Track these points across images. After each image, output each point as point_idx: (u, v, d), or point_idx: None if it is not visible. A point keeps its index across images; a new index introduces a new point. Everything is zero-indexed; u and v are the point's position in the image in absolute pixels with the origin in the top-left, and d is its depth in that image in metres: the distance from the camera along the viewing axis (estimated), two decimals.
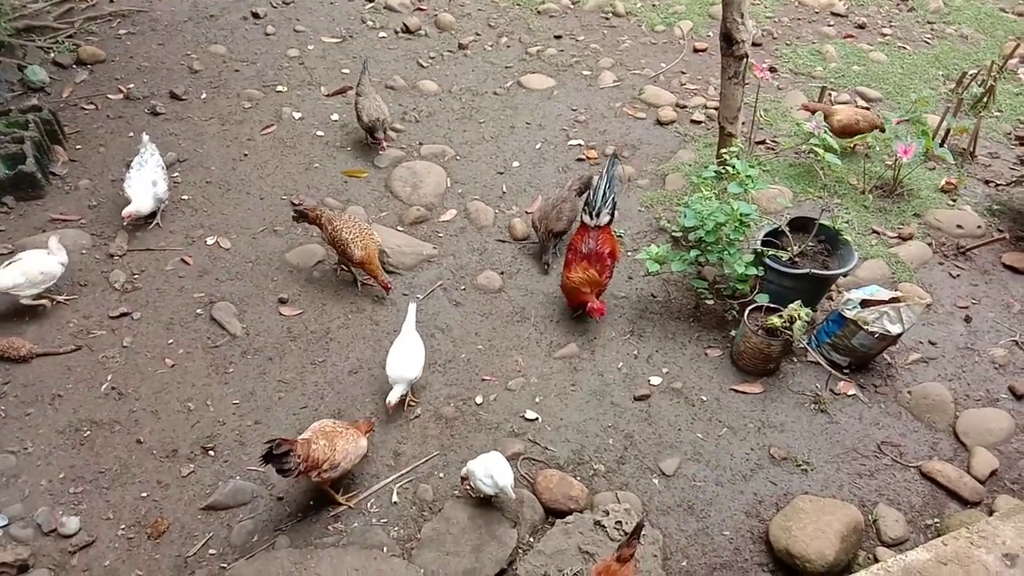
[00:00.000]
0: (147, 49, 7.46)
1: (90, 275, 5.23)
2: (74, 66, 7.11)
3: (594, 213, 5.07)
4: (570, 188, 5.64)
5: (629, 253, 5.61)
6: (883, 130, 6.46)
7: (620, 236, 5.70)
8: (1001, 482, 4.44)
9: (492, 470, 3.90)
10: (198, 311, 5.07)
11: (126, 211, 5.36)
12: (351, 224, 5.07)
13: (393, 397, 4.38)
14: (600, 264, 4.97)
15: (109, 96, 6.81)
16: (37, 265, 4.78)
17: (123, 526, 3.97)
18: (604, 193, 5.06)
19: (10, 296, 4.78)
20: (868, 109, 6.82)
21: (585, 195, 5.58)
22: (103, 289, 5.15)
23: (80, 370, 4.67)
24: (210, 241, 5.57)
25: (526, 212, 5.97)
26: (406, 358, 4.48)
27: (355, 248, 4.98)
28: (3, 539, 3.86)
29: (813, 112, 6.47)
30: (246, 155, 6.35)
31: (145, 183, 5.43)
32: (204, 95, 6.95)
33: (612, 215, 5.14)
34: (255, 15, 8.02)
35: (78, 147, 6.25)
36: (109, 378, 4.64)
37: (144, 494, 4.11)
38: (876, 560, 3.94)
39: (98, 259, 5.35)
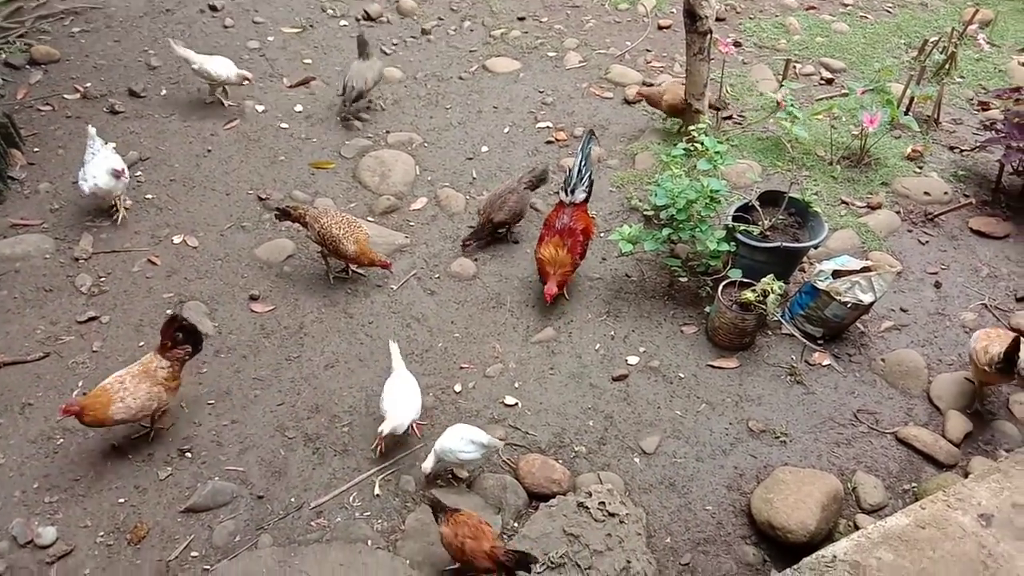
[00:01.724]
0: (103, 46, 7.29)
1: (55, 280, 5.12)
2: (27, 66, 6.92)
3: (569, 190, 5.10)
4: (520, 180, 5.57)
5: (602, 234, 5.60)
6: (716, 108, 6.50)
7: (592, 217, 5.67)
8: (975, 444, 4.51)
9: (470, 435, 3.97)
10: (168, 311, 4.99)
11: (89, 189, 5.25)
12: (339, 220, 4.97)
13: (386, 428, 4.11)
14: (572, 240, 4.96)
15: (66, 96, 6.65)
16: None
17: (102, 533, 3.91)
18: (579, 170, 5.09)
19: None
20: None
21: (536, 189, 5.66)
22: (69, 294, 5.05)
23: (50, 377, 4.58)
24: (177, 240, 5.47)
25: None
26: (405, 399, 4.21)
27: (347, 243, 4.88)
28: None
29: (645, 97, 6.64)
30: (210, 151, 6.24)
31: (101, 167, 5.28)
32: (164, 91, 6.81)
33: (588, 193, 5.14)
34: (212, 7, 7.86)
35: (36, 150, 6.10)
36: (80, 384, 4.55)
37: (122, 500, 4.05)
38: (857, 527, 3.99)
39: (63, 263, 5.24)
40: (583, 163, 5.14)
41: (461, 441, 3.94)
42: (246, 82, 6.52)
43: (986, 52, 7.81)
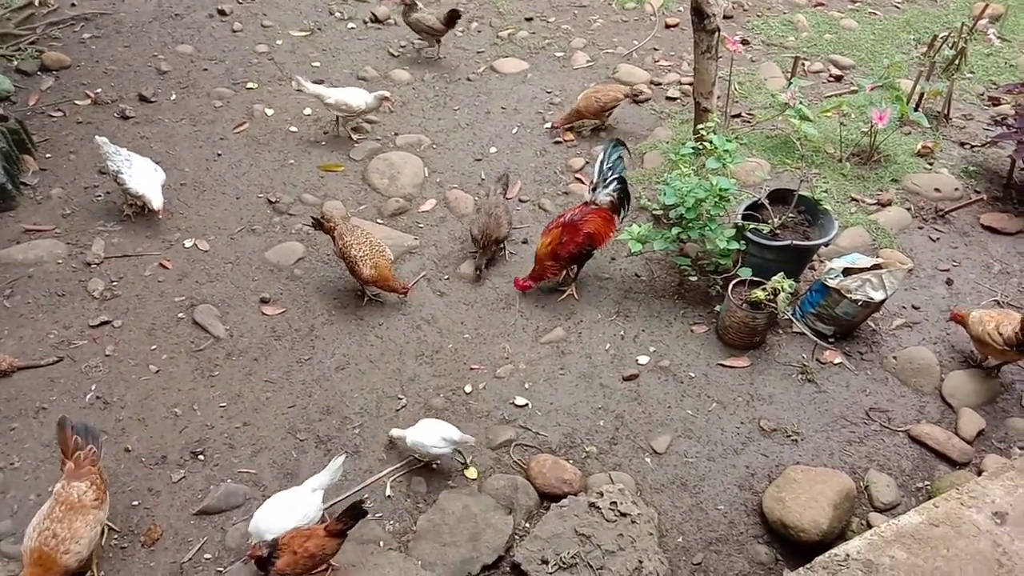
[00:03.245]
0: (113, 52, 7.34)
1: (68, 284, 5.16)
2: (39, 73, 6.97)
3: (590, 189, 5.16)
4: (496, 192, 5.51)
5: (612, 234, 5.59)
6: (634, 99, 6.53)
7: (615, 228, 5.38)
8: (988, 441, 4.49)
9: (443, 432, 4.07)
10: (180, 315, 5.02)
11: (157, 206, 5.37)
12: (362, 240, 4.90)
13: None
14: (568, 237, 4.96)
15: (77, 102, 6.70)
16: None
17: (116, 536, 3.93)
18: (599, 170, 5.15)
19: None
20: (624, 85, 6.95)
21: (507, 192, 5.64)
22: (82, 298, 5.09)
23: (63, 381, 4.62)
24: (188, 244, 5.51)
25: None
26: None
27: (363, 267, 4.83)
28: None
29: (568, 122, 6.59)
30: (220, 155, 6.27)
31: (148, 173, 5.41)
32: (174, 96, 6.85)
33: (617, 201, 5.15)
34: (221, 12, 7.91)
35: (48, 155, 6.15)
36: (93, 388, 4.58)
37: (135, 502, 4.07)
38: (869, 526, 3.98)
39: (75, 268, 5.27)
40: (602, 163, 5.17)
41: (434, 437, 4.07)
42: (386, 103, 6.38)
43: (997, 47, 7.75)
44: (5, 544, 3.85)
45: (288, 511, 3.73)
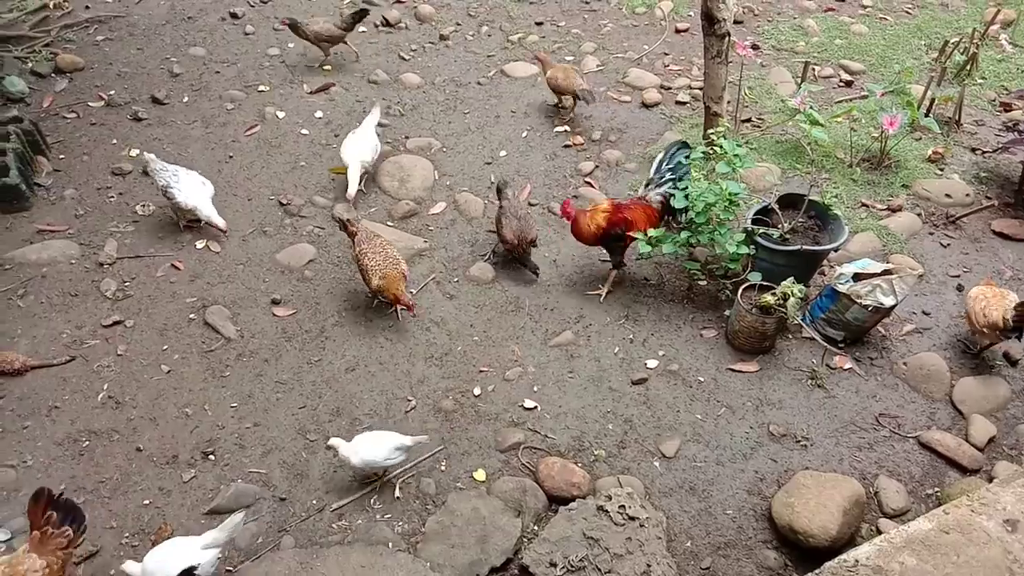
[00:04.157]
0: (126, 54, 7.40)
1: (81, 285, 5.20)
2: (53, 75, 7.04)
3: (643, 184, 5.28)
4: (507, 198, 5.41)
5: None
6: (576, 97, 6.62)
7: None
8: (999, 448, 4.47)
9: (394, 443, 4.01)
10: (191, 316, 5.05)
11: (222, 225, 5.48)
12: (377, 251, 4.88)
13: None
14: (611, 212, 5.03)
15: (90, 104, 6.75)
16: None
17: (127, 534, 3.96)
18: (656, 168, 5.23)
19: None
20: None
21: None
22: (95, 298, 5.13)
23: (76, 381, 4.65)
24: (199, 245, 5.54)
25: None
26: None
27: (373, 276, 4.84)
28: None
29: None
30: (231, 157, 6.31)
31: (196, 185, 5.49)
32: (186, 98, 6.90)
33: (664, 200, 5.15)
34: (233, 15, 7.96)
35: (61, 156, 6.20)
36: (105, 387, 4.62)
37: (146, 501, 4.10)
38: (879, 532, 3.96)
39: (88, 268, 5.31)
40: (667, 167, 5.22)
41: (386, 449, 4.00)
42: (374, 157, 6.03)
43: (1008, 53, 7.74)
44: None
45: (177, 561, 3.50)
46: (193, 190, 5.45)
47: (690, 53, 7.79)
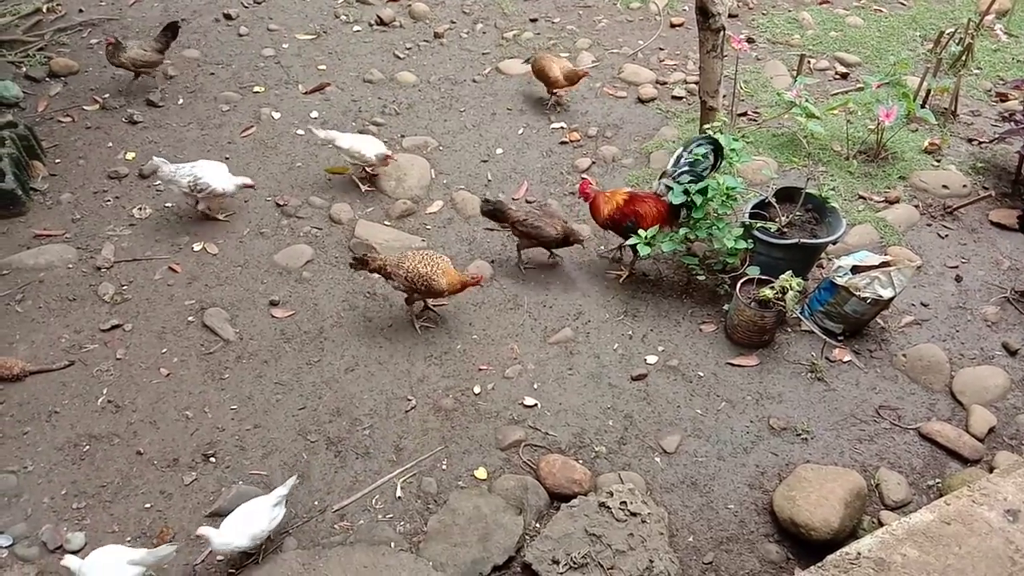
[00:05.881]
0: None
1: (78, 289, 5.19)
2: (47, 79, 7.01)
3: (657, 177, 5.27)
4: (514, 206, 5.42)
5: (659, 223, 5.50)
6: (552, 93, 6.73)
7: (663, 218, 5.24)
8: (999, 439, 4.48)
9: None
10: (190, 318, 5.05)
11: (250, 182, 5.64)
12: (419, 258, 4.75)
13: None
14: (626, 203, 5.07)
15: (85, 107, 6.73)
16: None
17: (128, 538, 3.95)
18: (674, 162, 5.15)
19: None
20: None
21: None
22: (92, 302, 5.12)
23: (75, 385, 4.64)
24: (197, 247, 5.53)
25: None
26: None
27: (440, 280, 4.71)
28: (9, 559, 3.85)
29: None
30: (228, 158, 6.29)
31: (216, 169, 5.55)
32: (181, 101, 6.88)
33: (681, 200, 5.01)
34: (227, 16, 7.93)
35: (57, 161, 6.19)
36: (105, 391, 4.61)
37: (148, 505, 4.10)
38: (881, 524, 3.97)
39: (85, 272, 5.30)
40: (685, 162, 5.05)
41: (267, 512, 3.75)
42: (390, 160, 5.93)
43: (1004, 42, 7.74)
44: (20, 547, 3.88)
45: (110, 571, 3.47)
46: (218, 174, 5.51)
47: (685, 48, 7.79)
